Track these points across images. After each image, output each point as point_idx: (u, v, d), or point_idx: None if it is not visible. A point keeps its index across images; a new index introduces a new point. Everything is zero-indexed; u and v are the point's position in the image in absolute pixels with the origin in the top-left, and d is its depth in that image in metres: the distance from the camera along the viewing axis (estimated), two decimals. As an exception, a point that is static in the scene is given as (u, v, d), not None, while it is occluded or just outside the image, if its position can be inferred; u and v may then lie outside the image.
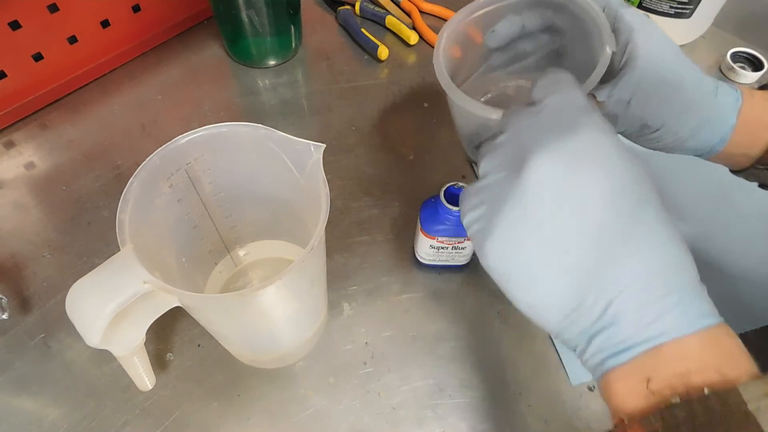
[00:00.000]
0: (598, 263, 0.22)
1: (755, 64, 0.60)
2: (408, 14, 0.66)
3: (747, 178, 0.37)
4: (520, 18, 0.36)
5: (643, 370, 0.22)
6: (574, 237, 0.23)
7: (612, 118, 0.34)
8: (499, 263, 0.24)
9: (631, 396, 0.22)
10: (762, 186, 0.37)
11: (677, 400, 0.21)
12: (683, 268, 0.23)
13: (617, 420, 0.23)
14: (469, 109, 0.31)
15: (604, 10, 0.33)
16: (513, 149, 0.24)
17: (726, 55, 0.60)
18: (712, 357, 0.22)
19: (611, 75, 0.33)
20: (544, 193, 0.23)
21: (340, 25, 0.65)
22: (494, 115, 0.29)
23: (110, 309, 0.26)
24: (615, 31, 0.33)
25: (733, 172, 0.37)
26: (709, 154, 0.36)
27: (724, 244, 0.46)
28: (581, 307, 0.23)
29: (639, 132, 0.35)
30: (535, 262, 0.23)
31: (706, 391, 0.21)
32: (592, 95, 0.33)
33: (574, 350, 0.25)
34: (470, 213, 0.25)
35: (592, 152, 0.23)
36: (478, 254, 0.25)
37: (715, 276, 0.44)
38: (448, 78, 0.32)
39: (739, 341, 0.23)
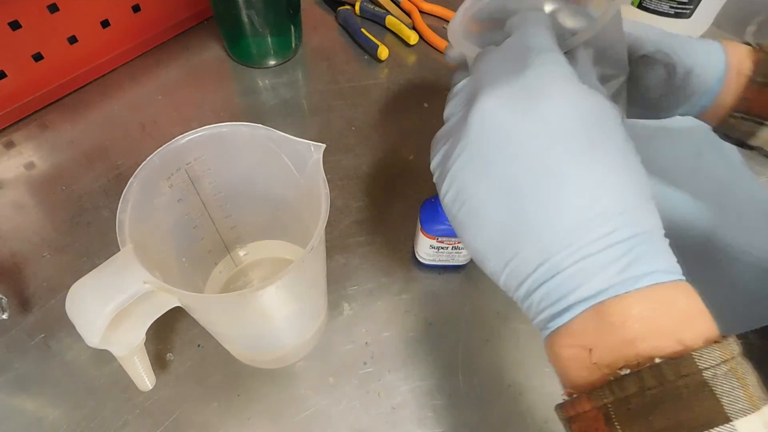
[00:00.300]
0: (537, 204, 0.21)
1: (755, 64, 0.60)
2: (408, 14, 0.66)
3: (727, 133, 0.37)
4: None
5: (586, 334, 0.20)
6: (515, 175, 0.21)
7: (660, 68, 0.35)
8: (452, 206, 0.23)
9: (577, 364, 0.20)
10: (739, 144, 0.37)
11: (627, 371, 0.19)
12: (640, 213, 0.21)
13: (565, 392, 0.21)
14: (466, 51, 0.29)
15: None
16: (470, 90, 0.24)
17: (726, 55, 0.60)
18: (665, 319, 0.20)
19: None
20: (487, 131, 0.22)
21: (340, 25, 0.65)
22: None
23: (110, 309, 0.26)
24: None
25: (715, 129, 0.38)
26: (701, 109, 0.37)
27: (726, 240, 0.46)
28: (518, 256, 0.21)
29: (681, 84, 0.35)
30: (481, 203, 0.22)
31: (657, 359, 0.19)
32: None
33: (522, 308, 0.23)
34: (433, 160, 0.25)
35: (537, 90, 0.21)
36: (439, 193, 0.24)
37: (716, 273, 0.45)
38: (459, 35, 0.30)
39: (698, 301, 0.21)
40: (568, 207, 0.20)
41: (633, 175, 0.21)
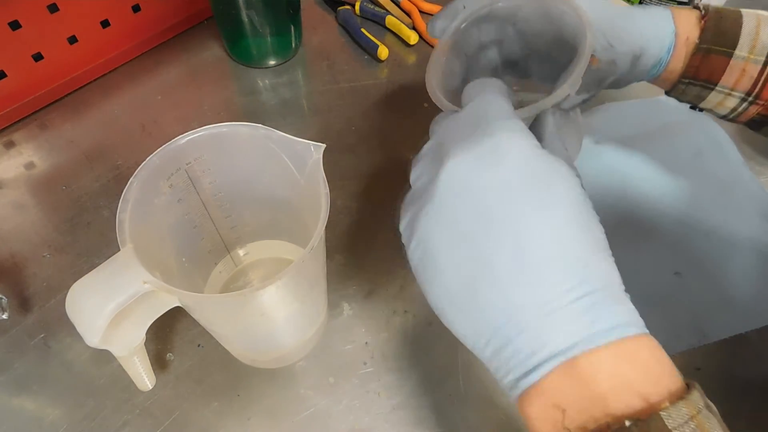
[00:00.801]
0: (498, 256, 0.21)
1: (755, 64, 0.60)
2: (408, 14, 0.66)
3: (678, 98, 0.38)
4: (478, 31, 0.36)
5: (555, 393, 0.20)
6: (477, 229, 0.22)
7: (611, 65, 0.35)
8: (418, 264, 0.24)
9: (549, 425, 0.20)
10: (692, 107, 0.39)
11: None
12: (601, 267, 0.21)
13: None
14: (436, 102, 0.31)
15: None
16: (436, 154, 0.25)
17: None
18: (632, 374, 0.19)
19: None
20: (454, 188, 0.23)
21: (340, 25, 0.65)
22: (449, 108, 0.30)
23: (110, 309, 0.26)
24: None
25: (668, 93, 0.39)
26: (650, 77, 0.38)
27: (726, 240, 0.46)
28: (483, 312, 0.21)
29: (632, 67, 0.36)
30: (444, 257, 0.23)
31: (627, 422, 0.18)
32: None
33: (491, 370, 0.23)
34: (402, 221, 0.25)
35: (498, 151, 0.22)
36: (409, 256, 0.25)
37: (715, 274, 0.45)
38: (434, 86, 0.32)
39: (662, 353, 0.20)
40: (529, 260, 0.21)
41: (591, 230, 0.22)
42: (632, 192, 0.49)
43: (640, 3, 0.59)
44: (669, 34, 0.36)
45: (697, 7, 0.37)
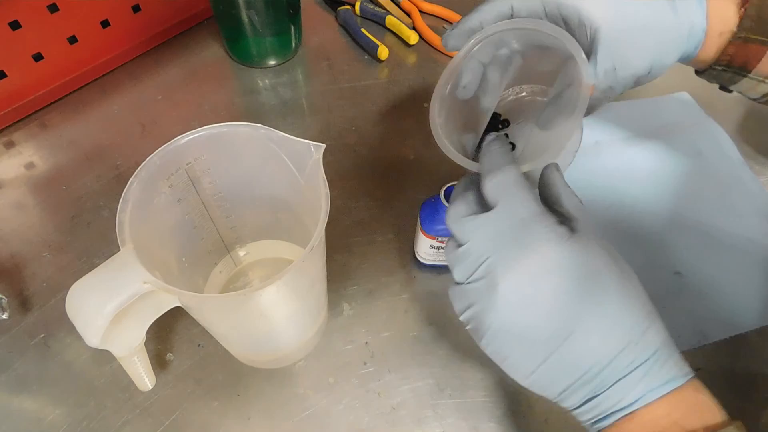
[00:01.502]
0: (562, 359, 0.26)
1: (755, 64, 0.60)
2: (408, 14, 0.66)
3: (709, 80, 0.38)
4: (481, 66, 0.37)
5: (621, 430, 0.26)
6: (542, 334, 0.27)
7: (608, 91, 0.35)
8: (494, 353, 0.29)
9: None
10: (722, 88, 0.39)
11: None
12: (648, 335, 0.26)
13: None
14: (451, 156, 0.33)
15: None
16: (479, 263, 0.28)
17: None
18: (678, 413, 0.26)
19: (588, 54, 0.33)
20: (513, 306, 0.27)
21: (340, 25, 0.65)
22: (475, 168, 0.32)
23: (110, 309, 0.26)
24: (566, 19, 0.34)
25: (698, 73, 0.38)
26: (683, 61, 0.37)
27: (724, 242, 0.46)
28: (565, 392, 0.27)
29: (636, 84, 0.36)
30: (518, 358, 0.28)
31: None
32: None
33: (571, 413, 0.29)
34: (463, 314, 0.30)
35: (543, 268, 0.27)
36: (477, 342, 0.29)
37: (715, 274, 0.45)
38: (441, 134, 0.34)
39: (705, 393, 0.26)
40: (598, 344, 0.26)
41: (639, 297, 0.27)
42: (632, 192, 0.50)
43: None
44: (697, 33, 0.34)
45: None
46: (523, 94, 0.41)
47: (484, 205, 0.29)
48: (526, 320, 0.27)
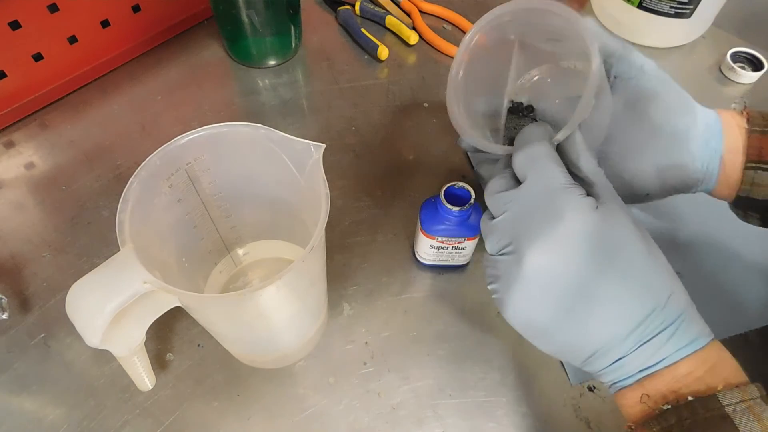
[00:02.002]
0: (589, 326, 0.27)
1: (755, 64, 0.60)
2: (408, 14, 0.66)
3: (751, 200, 0.37)
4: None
5: (642, 389, 0.27)
6: (568, 302, 0.27)
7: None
8: (517, 325, 0.30)
9: (636, 407, 0.28)
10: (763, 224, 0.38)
11: (668, 407, 0.26)
12: (672, 300, 0.27)
13: (626, 426, 0.28)
14: (480, 146, 0.34)
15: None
16: (508, 235, 0.29)
17: (726, 55, 0.60)
18: (701, 371, 0.26)
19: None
20: (538, 277, 0.28)
21: (340, 25, 0.65)
22: (500, 151, 0.33)
23: (110, 309, 0.26)
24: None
25: (736, 203, 0.38)
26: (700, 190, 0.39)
27: (724, 242, 0.46)
28: (591, 357, 0.28)
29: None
30: (543, 327, 0.29)
31: (690, 398, 0.26)
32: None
33: (593, 374, 0.30)
34: (491, 284, 0.31)
35: (570, 238, 0.27)
36: (502, 313, 0.31)
37: (715, 274, 0.45)
38: (461, 117, 0.35)
39: (726, 354, 0.28)
40: (626, 307, 0.27)
41: (660, 261, 0.28)
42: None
43: (640, 3, 0.59)
44: (717, 132, 0.36)
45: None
46: (536, 78, 0.41)
47: (520, 183, 0.31)
48: (552, 288, 0.28)
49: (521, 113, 0.40)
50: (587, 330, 0.28)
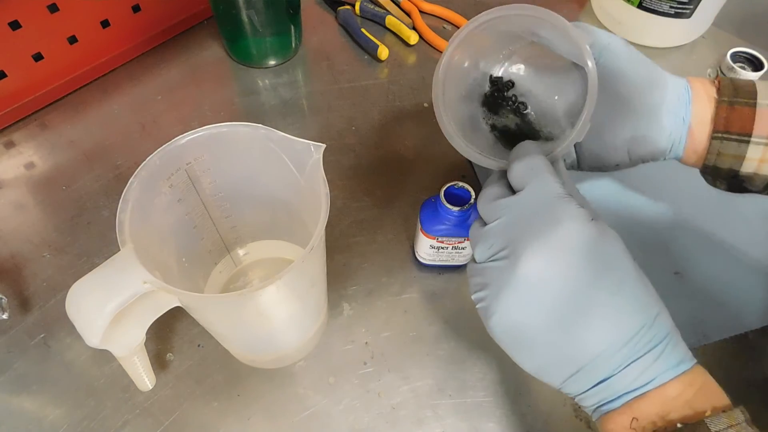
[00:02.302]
0: (579, 337, 0.27)
1: (755, 64, 0.60)
2: (408, 14, 0.66)
3: (716, 166, 0.38)
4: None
5: (631, 412, 0.26)
6: (558, 313, 0.27)
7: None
8: (502, 334, 0.29)
9: (622, 428, 0.27)
10: (733, 178, 0.39)
11: None
12: (659, 319, 0.27)
13: None
14: (474, 160, 0.35)
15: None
16: (503, 241, 0.29)
17: (726, 55, 0.60)
18: (689, 393, 0.26)
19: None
20: (532, 283, 0.27)
21: (340, 25, 0.65)
22: (494, 165, 0.34)
23: (110, 309, 0.26)
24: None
25: (704, 169, 0.39)
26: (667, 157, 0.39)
27: (724, 242, 0.46)
28: (577, 373, 0.27)
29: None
30: (530, 337, 0.28)
31: (678, 425, 0.25)
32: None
33: (574, 398, 0.29)
34: (476, 293, 0.30)
35: (567, 244, 0.27)
36: (485, 325, 0.30)
37: (715, 274, 0.45)
38: (453, 131, 0.36)
39: (709, 377, 0.27)
40: (612, 324, 0.26)
41: (647, 284, 0.28)
42: (632, 192, 0.50)
43: (640, 3, 0.59)
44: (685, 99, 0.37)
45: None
46: (518, 63, 0.42)
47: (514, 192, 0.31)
48: (546, 293, 0.27)
49: (504, 89, 0.41)
50: (577, 341, 0.27)
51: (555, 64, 0.39)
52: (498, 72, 0.41)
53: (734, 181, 0.38)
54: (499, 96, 0.41)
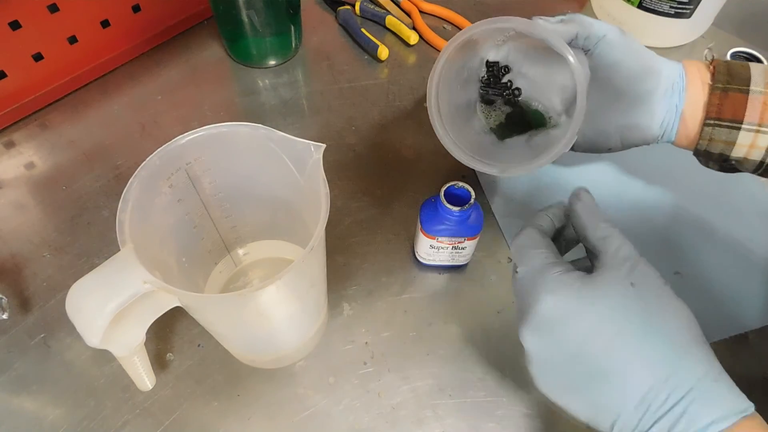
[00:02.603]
0: (591, 395, 0.27)
1: (755, 64, 0.60)
2: (408, 14, 0.66)
3: (708, 150, 0.39)
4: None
5: None
6: (566, 380, 0.28)
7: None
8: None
9: None
10: (724, 161, 0.39)
11: None
12: (672, 380, 0.25)
13: None
14: (471, 165, 0.37)
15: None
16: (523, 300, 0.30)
17: (726, 55, 0.60)
18: None
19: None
20: (533, 355, 0.29)
21: (340, 25, 0.65)
22: (495, 170, 0.36)
23: (110, 309, 0.26)
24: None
25: (696, 151, 0.40)
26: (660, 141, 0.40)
27: (724, 242, 0.46)
28: (598, 407, 0.27)
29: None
30: (558, 398, 0.28)
31: None
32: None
33: None
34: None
35: (545, 317, 0.28)
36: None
37: (715, 274, 0.45)
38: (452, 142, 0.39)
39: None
40: (636, 386, 0.25)
41: (680, 322, 0.26)
42: (632, 192, 0.50)
43: (640, 3, 0.59)
44: (679, 83, 0.38)
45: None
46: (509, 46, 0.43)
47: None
48: (547, 366, 0.28)
49: (500, 74, 0.41)
50: (591, 403, 0.27)
51: (548, 50, 0.40)
52: (493, 57, 0.42)
53: (726, 164, 0.39)
54: (495, 81, 0.42)
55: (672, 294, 0.27)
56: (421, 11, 0.66)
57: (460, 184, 0.38)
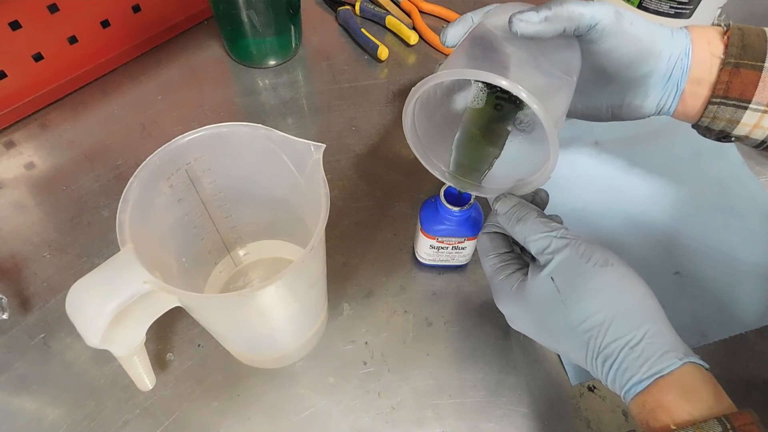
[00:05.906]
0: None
1: (755, 64, 0.60)
2: (408, 14, 0.66)
3: (709, 126, 0.37)
4: None
5: (654, 398, 0.27)
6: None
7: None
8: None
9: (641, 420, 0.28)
10: (723, 136, 0.38)
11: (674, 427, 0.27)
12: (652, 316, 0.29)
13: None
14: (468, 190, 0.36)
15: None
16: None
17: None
18: (688, 393, 0.27)
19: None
20: (514, 317, 0.34)
21: (340, 25, 0.65)
22: (490, 194, 0.35)
23: (110, 309, 0.26)
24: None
25: (696, 124, 0.38)
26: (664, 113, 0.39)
27: (724, 242, 0.46)
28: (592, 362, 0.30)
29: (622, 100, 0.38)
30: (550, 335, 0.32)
31: (672, 426, 0.26)
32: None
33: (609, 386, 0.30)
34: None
35: (507, 311, 0.34)
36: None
37: (715, 274, 0.45)
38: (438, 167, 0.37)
39: (709, 378, 0.27)
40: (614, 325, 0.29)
41: (601, 300, 0.29)
42: (632, 192, 0.50)
43: (640, 3, 0.59)
44: (685, 53, 0.35)
45: (718, 26, 0.36)
46: None
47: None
48: (533, 324, 0.33)
49: (507, 105, 0.40)
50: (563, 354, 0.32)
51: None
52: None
53: (724, 139, 0.38)
54: (506, 111, 0.39)
55: (598, 269, 0.29)
56: (421, 11, 0.66)
57: (460, 184, 0.38)
